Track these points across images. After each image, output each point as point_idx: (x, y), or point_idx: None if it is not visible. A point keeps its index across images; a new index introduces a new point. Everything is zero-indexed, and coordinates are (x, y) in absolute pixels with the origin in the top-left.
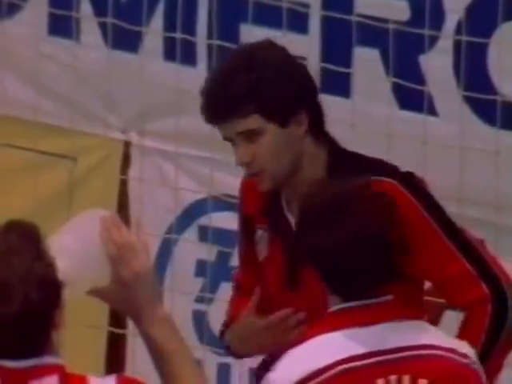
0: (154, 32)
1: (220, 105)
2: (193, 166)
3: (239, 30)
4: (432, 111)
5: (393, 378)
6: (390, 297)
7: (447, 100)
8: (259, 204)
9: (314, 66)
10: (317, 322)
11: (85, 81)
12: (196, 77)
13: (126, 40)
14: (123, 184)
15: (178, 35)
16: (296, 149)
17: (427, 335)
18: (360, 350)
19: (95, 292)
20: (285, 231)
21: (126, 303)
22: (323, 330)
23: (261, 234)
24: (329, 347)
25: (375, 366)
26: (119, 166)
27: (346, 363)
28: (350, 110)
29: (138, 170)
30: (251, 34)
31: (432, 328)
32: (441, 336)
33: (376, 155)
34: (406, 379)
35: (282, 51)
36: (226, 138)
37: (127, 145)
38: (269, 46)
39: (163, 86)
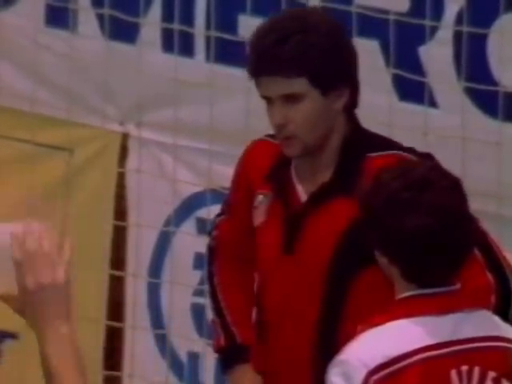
0: (151, 23)
1: (272, 60)
2: (191, 158)
3: (237, 21)
4: (432, 102)
5: (464, 368)
6: (459, 285)
7: (447, 91)
8: (263, 169)
9: None
10: (390, 308)
11: (82, 72)
12: (194, 68)
13: (123, 31)
14: (121, 176)
15: (176, 26)
16: (330, 121)
17: (494, 326)
18: (435, 340)
19: (4, 298)
20: (290, 198)
21: (30, 314)
22: (397, 315)
23: (261, 200)
24: (405, 335)
25: (449, 356)
26: (117, 157)
27: (423, 352)
28: None
29: (136, 162)
30: (250, 24)
31: (496, 318)
32: (505, 327)
33: None
34: (477, 371)
35: (336, 23)
36: (264, 96)
37: (125, 136)
38: (324, 15)
39: (161, 77)
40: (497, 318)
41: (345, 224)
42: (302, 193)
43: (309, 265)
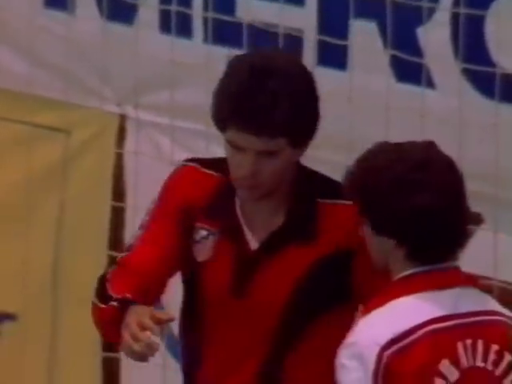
0: (149, 4)
1: (262, 123)
2: (188, 140)
3: (235, 2)
4: (430, 84)
5: (468, 342)
6: (457, 263)
7: (445, 73)
8: (200, 201)
9: (311, 38)
10: (390, 288)
11: (80, 53)
12: (191, 50)
13: (121, 12)
14: (119, 157)
15: (174, 7)
16: (288, 168)
17: (488, 301)
18: (440, 313)
19: None
20: (240, 241)
21: None
22: (399, 293)
23: (204, 235)
24: (411, 310)
25: (455, 329)
26: (114, 139)
27: (430, 325)
28: (347, 82)
29: (134, 144)
30: (248, 6)
31: (486, 295)
32: (495, 302)
33: (373, 128)
34: (480, 344)
35: (309, 73)
36: (236, 145)
37: (123, 118)
38: (304, 67)
39: (158, 58)
40: (487, 295)
41: (300, 271)
42: (252, 239)
43: (261, 310)
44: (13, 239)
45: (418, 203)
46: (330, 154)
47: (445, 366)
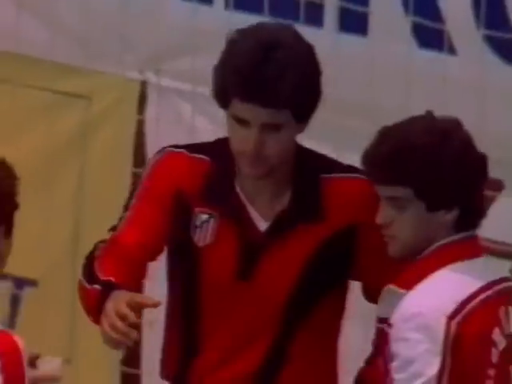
0: None
1: (269, 93)
2: (209, 107)
3: None
4: (451, 50)
5: (503, 309)
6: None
7: (466, 39)
8: (196, 186)
9: (333, 4)
10: (434, 254)
11: (101, 20)
12: (213, 16)
13: None
14: (140, 124)
15: None
16: (291, 145)
17: (499, 269)
18: (483, 281)
19: None
20: (245, 223)
21: None
22: (445, 261)
23: (204, 219)
24: (461, 279)
25: (495, 296)
26: (136, 105)
27: (480, 293)
28: (369, 48)
29: (155, 110)
30: None
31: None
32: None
33: (395, 95)
34: (511, 310)
35: (312, 48)
36: (241, 119)
37: (144, 84)
38: (306, 42)
39: (180, 25)
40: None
41: (309, 250)
42: (259, 219)
43: (270, 291)
44: (34, 206)
45: (479, 175)
46: (351, 119)
47: (496, 334)
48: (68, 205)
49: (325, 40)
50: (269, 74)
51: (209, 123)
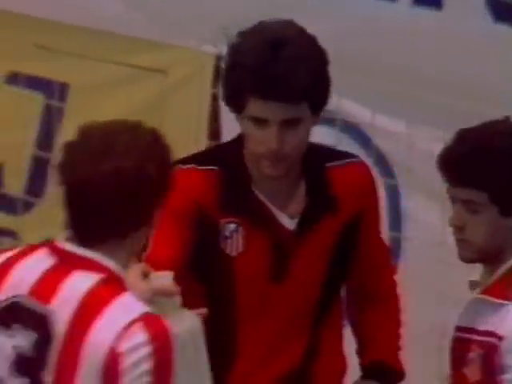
0: None
1: (286, 88)
2: None
3: None
4: None
5: None
6: None
7: None
8: (214, 198)
9: None
10: None
11: None
12: None
13: None
14: (215, 97)
15: None
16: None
17: None
18: None
19: None
20: (273, 225)
21: None
22: None
23: (233, 229)
24: None
25: None
26: (211, 79)
27: None
28: (443, 22)
29: None
30: None
31: None
32: None
33: (470, 69)
34: None
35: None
36: (259, 118)
37: (219, 58)
38: (310, 34)
39: None
40: None
41: (331, 242)
42: (283, 217)
43: (301, 290)
44: None
45: None
46: (425, 93)
47: None
48: None
49: (399, 14)
50: (282, 70)
51: None
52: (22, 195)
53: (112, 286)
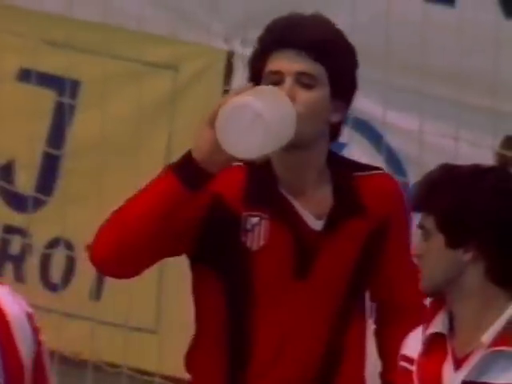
0: None
1: (303, 33)
2: None
3: None
4: None
5: None
6: None
7: None
8: (243, 192)
9: None
10: None
11: None
12: None
13: None
14: (226, 94)
15: None
16: (323, 126)
17: None
18: None
19: None
20: (295, 221)
21: None
22: None
23: (255, 222)
24: None
25: None
26: (222, 75)
27: None
28: (456, 18)
29: (241, 80)
30: None
31: None
32: None
33: (483, 63)
34: None
35: None
36: (277, 73)
37: (230, 54)
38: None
39: None
40: None
41: (358, 246)
42: (309, 217)
43: (325, 289)
44: (122, 172)
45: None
46: (438, 88)
47: None
48: (155, 171)
49: (413, 9)
50: (303, 22)
51: None
52: (33, 192)
53: None
